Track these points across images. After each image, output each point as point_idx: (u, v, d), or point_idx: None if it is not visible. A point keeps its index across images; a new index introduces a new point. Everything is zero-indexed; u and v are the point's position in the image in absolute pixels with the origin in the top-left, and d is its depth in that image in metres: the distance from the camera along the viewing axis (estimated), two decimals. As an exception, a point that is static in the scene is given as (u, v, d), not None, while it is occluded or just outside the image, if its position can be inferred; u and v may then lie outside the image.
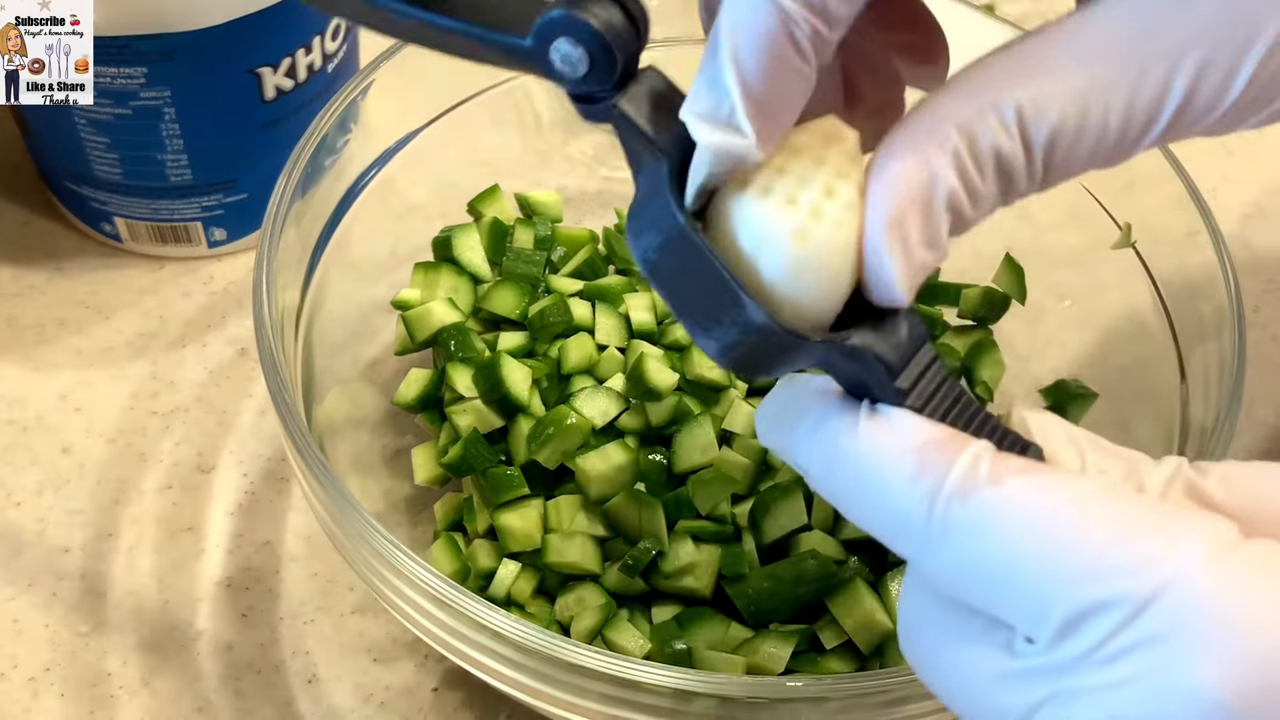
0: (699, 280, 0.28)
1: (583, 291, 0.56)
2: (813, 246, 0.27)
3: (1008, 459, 0.26)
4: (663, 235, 0.28)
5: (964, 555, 0.26)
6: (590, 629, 0.48)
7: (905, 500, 0.27)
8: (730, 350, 0.29)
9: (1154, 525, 0.25)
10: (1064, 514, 0.25)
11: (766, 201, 0.28)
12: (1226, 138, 0.78)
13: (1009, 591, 0.26)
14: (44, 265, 0.64)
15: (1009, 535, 0.25)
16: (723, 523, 0.49)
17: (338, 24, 0.60)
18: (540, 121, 0.63)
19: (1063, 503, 0.25)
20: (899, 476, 0.27)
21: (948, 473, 0.26)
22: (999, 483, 0.26)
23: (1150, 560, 0.24)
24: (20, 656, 0.51)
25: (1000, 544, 0.25)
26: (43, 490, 0.56)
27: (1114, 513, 0.25)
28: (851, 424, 0.28)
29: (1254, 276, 0.66)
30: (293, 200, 0.49)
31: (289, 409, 0.44)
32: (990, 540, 0.25)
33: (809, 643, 0.48)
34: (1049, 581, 0.25)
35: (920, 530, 0.26)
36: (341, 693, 0.51)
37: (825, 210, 0.27)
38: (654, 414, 0.51)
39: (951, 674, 0.28)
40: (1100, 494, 0.25)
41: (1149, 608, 0.24)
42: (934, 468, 0.26)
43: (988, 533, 0.25)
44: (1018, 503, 0.25)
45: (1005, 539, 0.25)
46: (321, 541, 0.54)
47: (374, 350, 0.56)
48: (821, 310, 0.28)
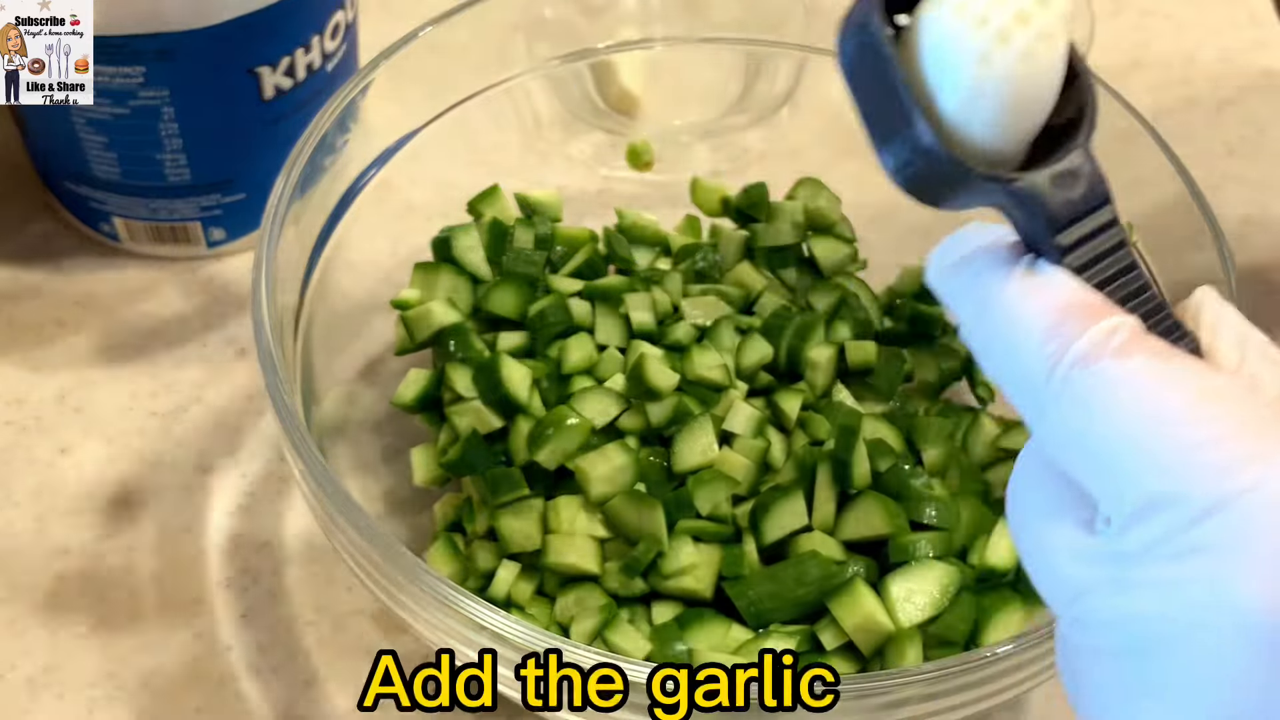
0: (883, 92, 0.27)
1: (583, 291, 0.55)
2: (995, 72, 0.26)
3: (1146, 339, 0.26)
4: (858, 41, 0.27)
5: (1071, 422, 0.26)
6: (590, 630, 0.48)
7: (1033, 358, 0.26)
8: (902, 169, 0.28)
9: (1256, 433, 0.24)
10: (1173, 402, 0.24)
11: (958, 17, 0.26)
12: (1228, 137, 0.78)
13: (1101, 467, 0.25)
14: (43, 265, 0.64)
15: (1115, 410, 0.25)
16: (723, 523, 0.49)
17: (337, 23, 0.60)
18: (540, 121, 0.63)
19: (1177, 391, 0.25)
20: (1033, 333, 0.26)
21: (1079, 337, 0.25)
22: (1125, 357, 0.25)
23: (1235, 464, 0.23)
24: (19, 657, 0.51)
25: (1105, 417, 0.25)
26: (41, 491, 0.56)
27: (1222, 412, 0.24)
28: (1005, 275, 0.27)
29: (1254, 277, 0.66)
30: (292, 200, 0.48)
31: (288, 409, 0.43)
32: (1098, 411, 0.25)
33: (810, 643, 0.48)
34: (1137, 465, 0.24)
35: (1039, 389, 0.26)
36: (341, 693, 0.51)
37: (1015, 36, 0.26)
38: (654, 414, 0.51)
39: (1034, 538, 0.28)
40: (1219, 392, 0.25)
41: (1218, 512, 0.23)
42: (1068, 330, 0.26)
43: (1096, 403, 0.25)
44: (1134, 381, 0.25)
45: (1110, 413, 0.25)
46: (321, 542, 0.54)
47: (373, 350, 0.56)
48: (1000, 143, 0.27)
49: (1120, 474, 0.25)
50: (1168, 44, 0.77)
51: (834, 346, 0.54)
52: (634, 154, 0.64)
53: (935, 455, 0.52)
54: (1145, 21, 0.78)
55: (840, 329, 0.55)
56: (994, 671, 0.40)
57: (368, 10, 0.68)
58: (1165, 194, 0.51)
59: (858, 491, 0.49)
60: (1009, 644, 0.40)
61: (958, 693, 0.40)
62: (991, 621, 0.47)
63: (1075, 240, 0.27)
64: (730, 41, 0.62)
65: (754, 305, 0.57)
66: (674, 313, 0.56)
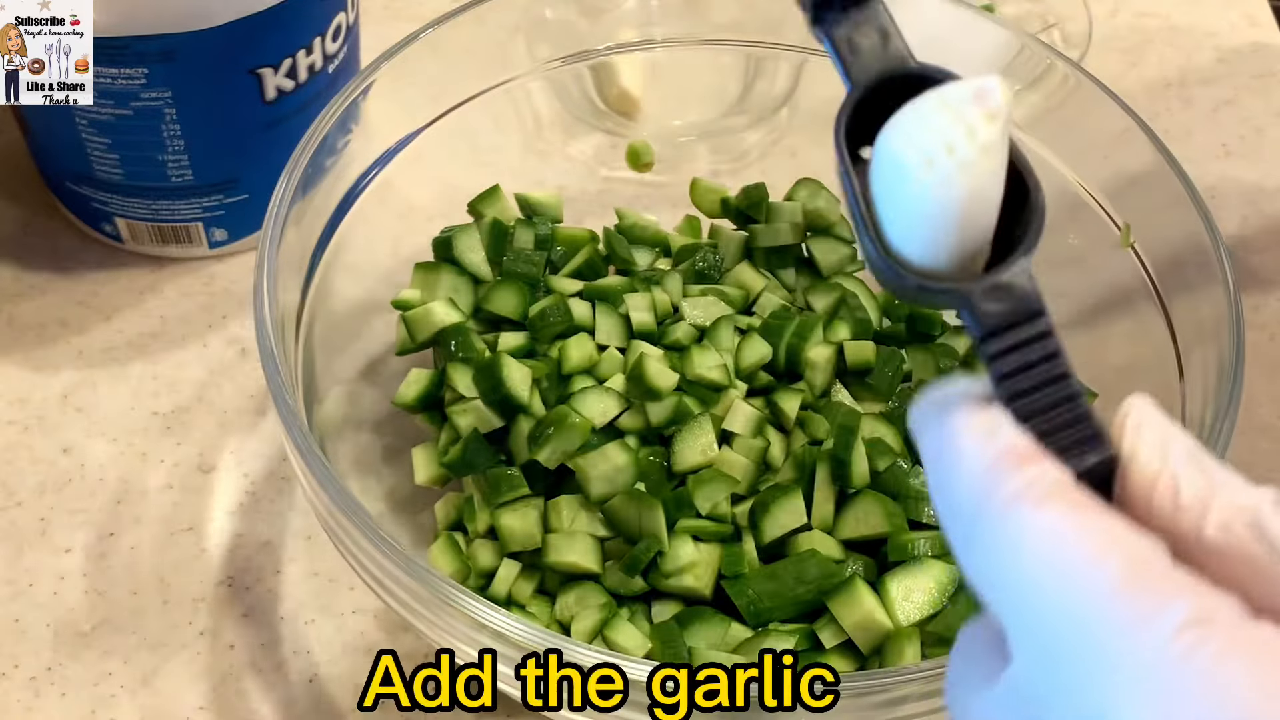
0: (850, 200, 0.30)
1: (583, 291, 0.56)
2: (926, 195, 0.28)
3: (1067, 491, 0.27)
4: (836, 154, 0.30)
5: (989, 561, 0.27)
6: (590, 629, 0.48)
7: (963, 498, 0.27)
8: (871, 266, 0.30)
9: (1153, 591, 0.25)
10: (1076, 554, 0.25)
11: (899, 145, 0.29)
12: (1225, 138, 0.78)
13: (1010, 609, 0.26)
14: (45, 265, 0.64)
15: (1023, 556, 0.26)
16: (723, 522, 0.50)
17: (338, 24, 0.60)
18: (540, 121, 0.63)
19: (1083, 544, 0.26)
20: (966, 475, 0.27)
21: (1005, 484, 0.27)
22: (1041, 507, 0.26)
23: (1127, 621, 0.25)
24: (22, 656, 0.51)
25: (1015, 561, 0.26)
26: (44, 490, 0.56)
27: (1122, 567, 0.25)
28: (956, 420, 0.28)
29: (1253, 277, 0.66)
30: (293, 200, 0.49)
31: (290, 409, 0.44)
32: (1009, 555, 0.26)
33: (809, 642, 0.48)
34: (1038, 611, 0.26)
35: (965, 528, 0.27)
36: (342, 693, 0.51)
37: (940, 164, 0.28)
38: (654, 414, 0.51)
39: (956, 673, 0.29)
40: (1122, 547, 0.25)
41: (1107, 666, 0.24)
42: (997, 476, 0.27)
43: (1009, 547, 0.26)
44: (1044, 530, 0.26)
45: (1020, 558, 0.26)
46: (322, 541, 0.54)
47: (374, 350, 0.57)
48: (942, 257, 0.29)
49: (1025, 617, 0.26)
50: (1165, 45, 0.78)
51: (833, 346, 0.54)
52: (634, 154, 0.64)
53: (934, 455, 0.52)
54: (1142, 23, 0.79)
55: (839, 329, 0.56)
56: (992, 670, 0.40)
57: (369, 12, 0.68)
58: (1162, 194, 0.51)
59: (856, 491, 0.50)
60: (1007, 642, 0.40)
61: (956, 691, 0.40)
62: (990, 620, 0.47)
63: (1004, 348, 0.29)
64: (730, 43, 0.62)
65: (753, 305, 0.57)
66: (674, 313, 0.56)
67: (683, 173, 0.64)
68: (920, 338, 0.57)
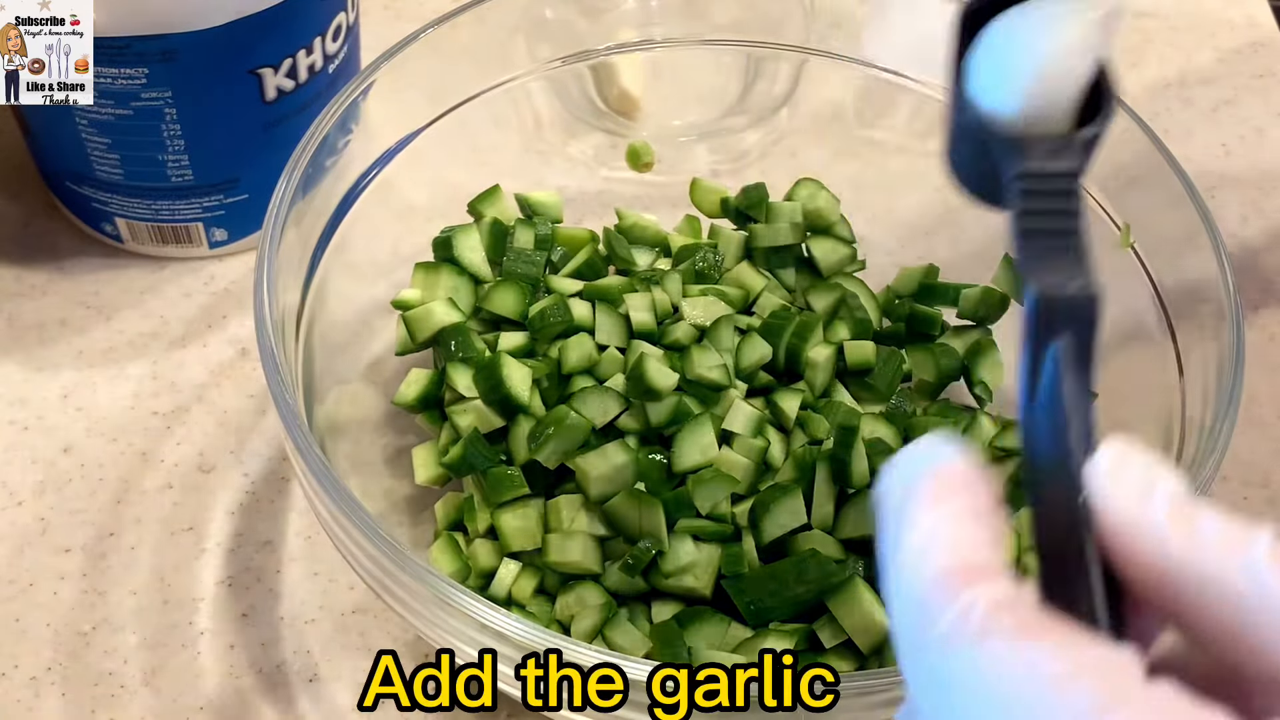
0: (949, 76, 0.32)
1: (583, 291, 0.56)
2: (1045, 15, 0.30)
3: (1010, 611, 0.25)
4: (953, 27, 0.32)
5: (928, 691, 0.26)
6: (590, 628, 0.48)
7: (908, 625, 0.26)
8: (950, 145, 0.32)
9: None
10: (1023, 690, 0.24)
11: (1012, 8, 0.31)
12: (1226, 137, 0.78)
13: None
14: (45, 265, 0.64)
15: (966, 694, 0.25)
16: (723, 522, 0.50)
17: (338, 24, 0.60)
18: (540, 121, 0.63)
19: (1029, 676, 0.24)
20: (911, 600, 0.26)
21: (942, 616, 0.25)
22: (980, 641, 0.25)
23: None
24: (22, 656, 0.51)
25: (958, 699, 0.25)
26: (44, 490, 0.56)
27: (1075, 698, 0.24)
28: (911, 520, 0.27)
29: (1252, 277, 0.66)
30: (293, 201, 0.49)
31: (290, 409, 0.44)
32: (950, 691, 0.25)
33: (808, 642, 0.48)
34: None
35: (906, 653, 0.26)
36: (343, 692, 0.51)
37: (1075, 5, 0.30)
38: (654, 414, 0.51)
39: None
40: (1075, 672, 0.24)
41: None
42: (935, 605, 0.26)
43: (949, 685, 0.25)
44: (984, 670, 0.24)
45: (962, 696, 0.25)
46: (322, 541, 0.54)
47: (374, 350, 0.57)
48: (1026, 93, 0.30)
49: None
50: (1165, 45, 0.78)
51: (833, 346, 0.54)
52: (634, 155, 0.64)
53: (934, 455, 0.52)
54: (1143, 23, 0.79)
55: (839, 329, 0.56)
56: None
57: (369, 12, 0.68)
58: (1163, 195, 0.51)
59: (856, 490, 0.50)
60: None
61: (956, 691, 0.40)
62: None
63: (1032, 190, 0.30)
64: (730, 43, 0.62)
65: (753, 305, 0.57)
66: (674, 313, 0.56)
67: (683, 173, 0.64)
68: (920, 338, 0.57)
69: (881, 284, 0.59)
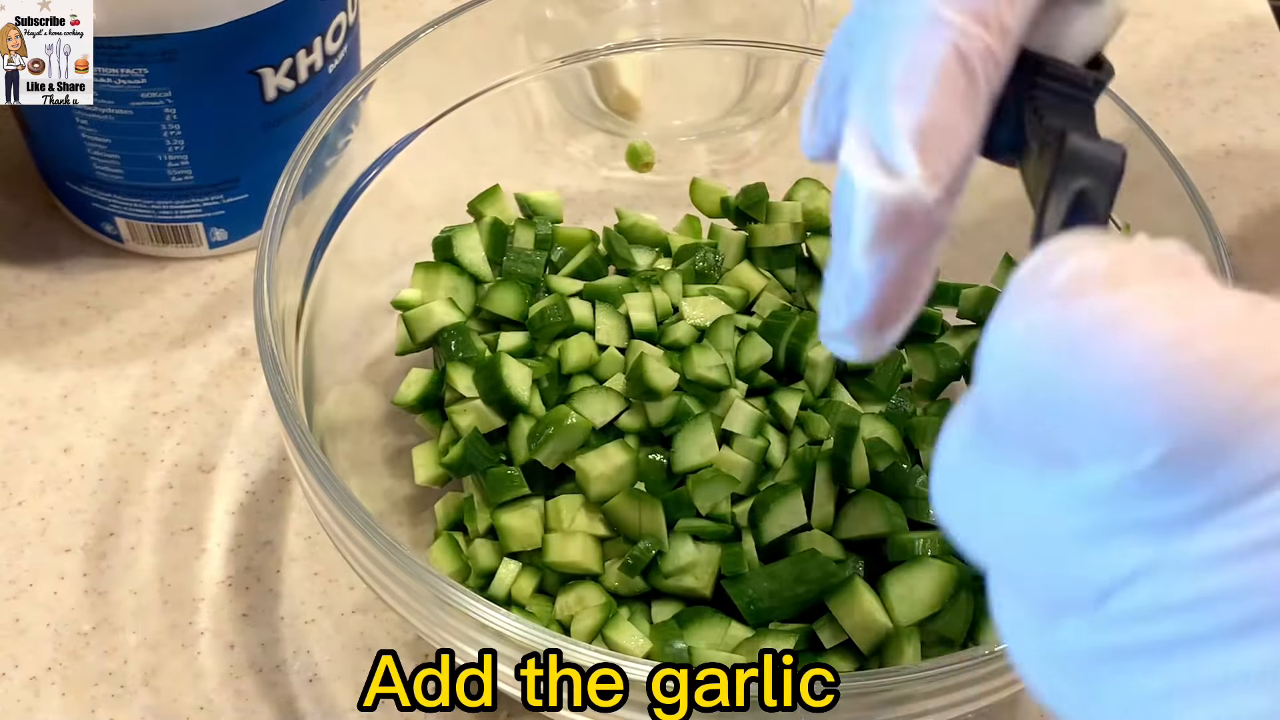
0: None
1: (583, 291, 0.56)
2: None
3: (1139, 257, 0.22)
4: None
5: (1063, 373, 0.22)
6: (590, 628, 0.48)
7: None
8: None
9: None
10: (1183, 327, 0.21)
11: None
12: (1226, 138, 0.78)
13: (1111, 417, 0.21)
14: (45, 266, 0.64)
15: (1119, 355, 0.21)
16: (723, 522, 0.50)
17: (338, 24, 0.60)
18: (540, 121, 0.63)
19: (1187, 312, 0.21)
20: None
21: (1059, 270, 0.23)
22: (1115, 289, 0.22)
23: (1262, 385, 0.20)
24: (22, 655, 0.51)
25: (1103, 359, 0.21)
26: (44, 490, 0.56)
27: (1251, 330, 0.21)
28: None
29: (1253, 277, 0.66)
30: (293, 200, 0.49)
31: (290, 409, 0.44)
32: (1094, 353, 0.22)
33: (808, 642, 0.48)
34: (1168, 405, 0.21)
35: (999, 340, 0.23)
36: (343, 692, 0.51)
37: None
38: (654, 414, 0.51)
39: (1008, 534, 0.24)
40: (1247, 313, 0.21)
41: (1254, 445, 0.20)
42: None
43: (1093, 344, 0.22)
44: (1134, 313, 0.21)
45: (1113, 359, 0.21)
46: (322, 541, 0.54)
47: (374, 350, 0.57)
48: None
49: (1148, 419, 0.21)
50: (1165, 45, 0.78)
51: (833, 346, 0.54)
52: (634, 155, 0.64)
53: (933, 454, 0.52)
54: (1142, 24, 0.79)
55: (839, 329, 0.56)
56: (992, 669, 0.40)
57: (369, 12, 0.68)
58: (1162, 194, 0.51)
59: (856, 490, 0.50)
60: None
61: (956, 690, 0.40)
62: (989, 619, 0.47)
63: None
64: (730, 43, 0.62)
65: (753, 305, 0.57)
66: (674, 313, 0.56)
67: (683, 173, 0.64)
68: (920, 337, 0.57)
69: (881, 284, 0.59)
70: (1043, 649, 0.24)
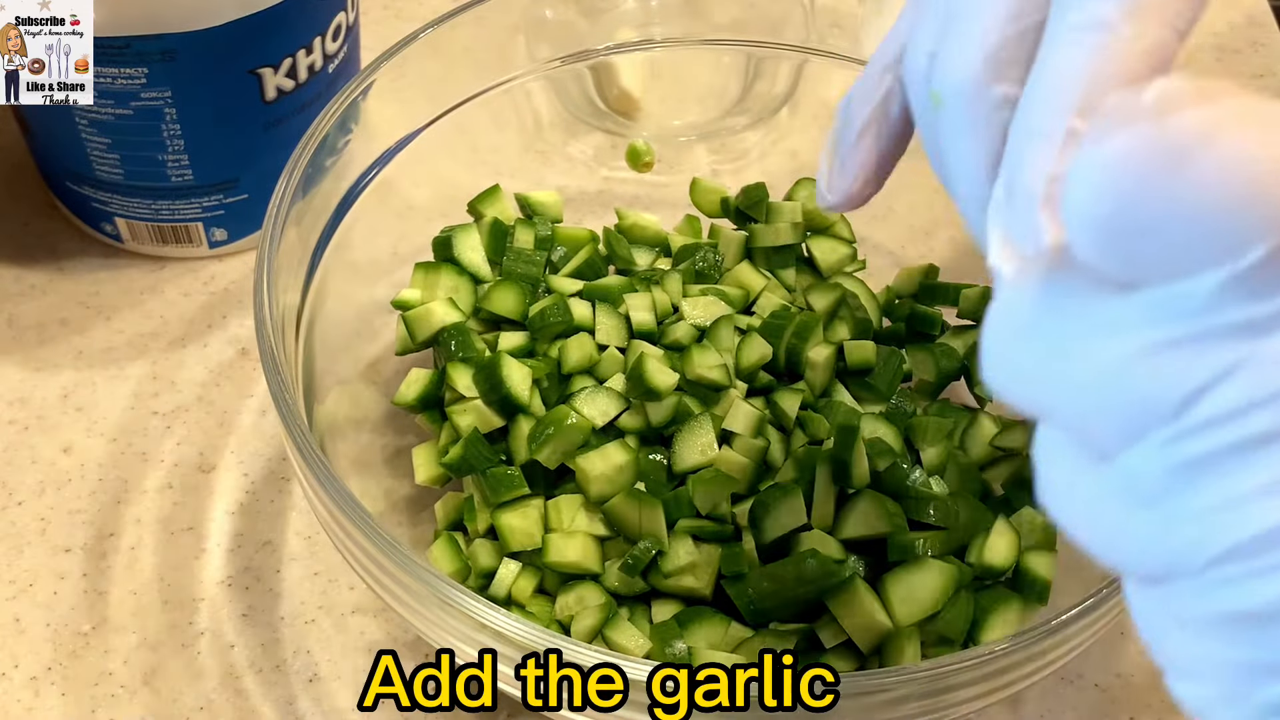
0: None
1: (583, 291, 0.56)
2: None
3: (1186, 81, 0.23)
4: None
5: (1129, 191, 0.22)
6: (590, 628, 0.48)
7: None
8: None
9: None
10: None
11: None
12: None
13: (1214, 223, 0.21)
14: (45, 265, 0.64)
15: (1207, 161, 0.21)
16: (723, 522, 0.50)
17: (338, 24, 0.60)
18: (540, 121, 0.63)
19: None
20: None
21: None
22: (1209, 102, 0.22)
23: None
24: (22, 655, 0.51)
25: (1211, 169, 0.21)
26: (44, 490, 0.56)
27: None
28: None
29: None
30: (293, 200, 0.49)
31: (290, 409, 0.44)
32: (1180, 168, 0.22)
33: (808, 642, 0.48)
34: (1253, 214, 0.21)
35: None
36: (343, 692, 0.51)
37: None
38: (654, 414, 0.51)
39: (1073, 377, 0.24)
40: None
41: None
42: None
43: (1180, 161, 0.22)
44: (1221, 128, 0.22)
45: (1216, 164, 0.21)
46: (322, 541, 0.54)
47: (374, 350, 0.57)
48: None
49: (1235, 221, 0.21)
50: (1166, 45, 0.77)
51: (833, 346, 0.54)
52: (634, 154, 0.64)
53: (934, 454, 0.52)
54: (1144, 22, 0.78)
55: (839, 329, 0.56)
56: (992, 669, 0.40)
57: (369, 11, 0.68)
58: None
59: (857, 490, 0.50)
60: (1007, 642, 0.40)
61: (956, 690, 0.40)
62: (989, 619, 0.47)
63: None
64: (730, 43, 0.62)
65: (753, 305, 0.57)
66: (674, 313, 0.56)
67: (683, 173, 0.64)
68: (920, 337, 0.57)
69: (881, 284, 0.59)
70: (1104, 487, 0.24)
